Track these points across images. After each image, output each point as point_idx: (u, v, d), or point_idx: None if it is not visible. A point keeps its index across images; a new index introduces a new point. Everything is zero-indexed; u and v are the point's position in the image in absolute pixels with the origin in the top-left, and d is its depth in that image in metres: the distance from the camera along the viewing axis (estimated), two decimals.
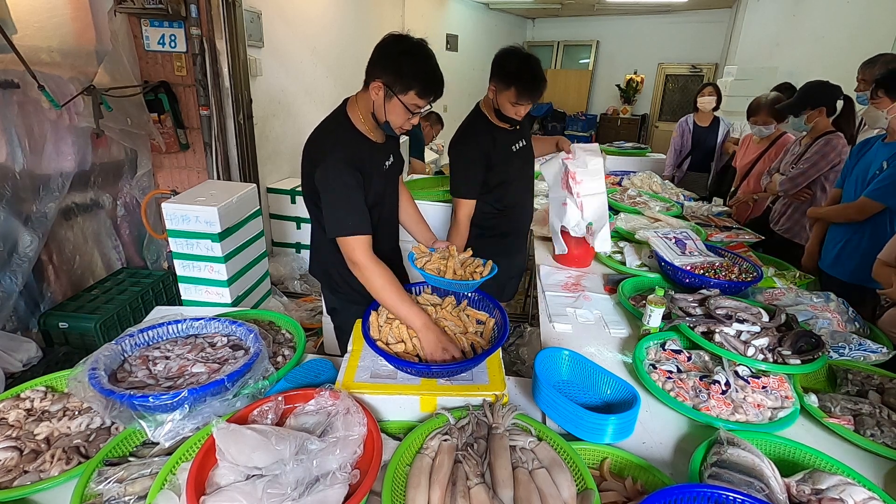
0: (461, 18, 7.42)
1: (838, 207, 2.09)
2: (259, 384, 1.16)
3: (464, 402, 1.14)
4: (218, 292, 2.27)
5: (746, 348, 1.35)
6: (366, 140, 1.44)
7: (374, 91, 1.33)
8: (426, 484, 0.95)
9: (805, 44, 4.45)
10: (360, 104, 1.42)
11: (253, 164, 3.45)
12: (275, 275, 3.50)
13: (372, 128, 1.44)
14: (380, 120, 1.39)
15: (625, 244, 2.23)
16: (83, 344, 2.44)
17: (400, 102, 1.32)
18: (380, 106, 1.35)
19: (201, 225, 2.14)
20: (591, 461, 1.07)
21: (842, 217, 2.05)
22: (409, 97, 1.32)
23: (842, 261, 2.02)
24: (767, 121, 2.89)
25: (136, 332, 1.29)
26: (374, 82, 1.32)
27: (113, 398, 1.03)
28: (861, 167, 2.03)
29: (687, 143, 3.95)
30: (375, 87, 1.32)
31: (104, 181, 2.85)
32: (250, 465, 0.91)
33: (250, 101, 3.32)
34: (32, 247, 2.35)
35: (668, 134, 4.34)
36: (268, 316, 1.61)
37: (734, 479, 0.92)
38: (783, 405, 1.22)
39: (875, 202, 1.87)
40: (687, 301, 1.63)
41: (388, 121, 1.38)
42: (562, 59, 9.20)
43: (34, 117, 2.34)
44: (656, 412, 1.24)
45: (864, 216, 1.93)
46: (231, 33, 2.99)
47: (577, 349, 1.40)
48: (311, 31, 4.10)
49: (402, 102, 1.32)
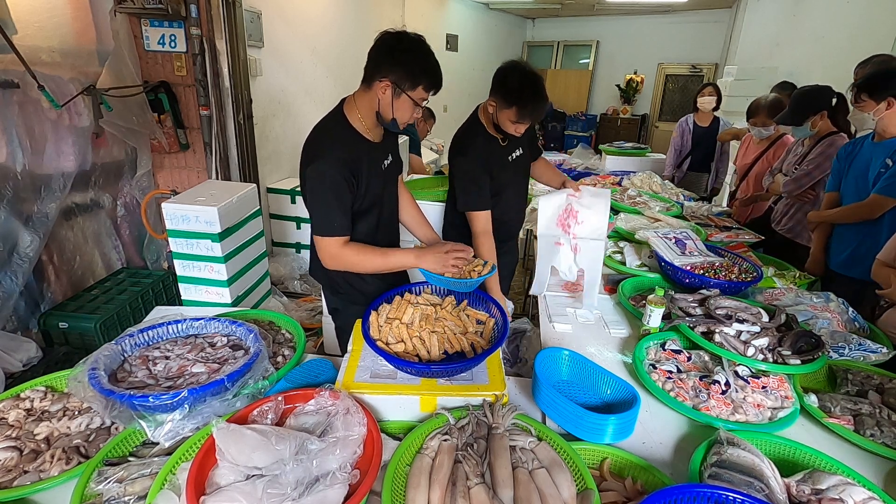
0: (461, 18, 7.42)
1: (848, 208, 2.07)
2: (259, 384, 1.16)
3: (464, 402, 1.15)
4: (218, 292, 2.27)
5: (746, 348, 1.35)
6: (363, 140, 1.44)
7: (380, 90, 1.34)
8: (426, 484, 0.95)
9: (805, 44, 4.44)
10: (359, 103, 1.42)
11: (253, 164, 3.45)
12: (275, 275, 3.50)
13: (370, 127, 1.44)
14: (386, 118, 1.40)
15: (625, 244, 2.23)
16: (83, 344, 2.44)
17: (409, 98, 1.35)
18: (387, 104, 1.36)
19: (201, 225, 2.14)
20: (591, 461, 1.07)
21: (854, 217, 2.04)
22: (417, 92, 1.35)
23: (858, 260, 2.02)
24: (766, 122, 2.90)
25: (136, 332, 1.29)
26: (380, 82, 1.33)
27: (113, 398, 1.03)
28: (857, 168, 2.04)
29: (687, 143, 3.96)
30: (383, 86, 1.33)
31: (104, 181, 2.85)
32: (250, 465, 0.91)
33: (250, 101, 3.32)
34: (33, 247, 2.35)
35: (668, 134, 4.34)
36: (268, 316, 1.61)
37: (734, 479, 0.92)
38: (783, 405, 1.22)
39: (888, 198, 1.87)
40: (687, 301, 1.63)
41: (395, 118, 1.39)
42: (562, 59, 9.20)
43: (34, 117, 2.34)
44: (656, 412, 1.24)
45: (878, 213, 1.92)
46: (231, 33, 2.99)
47: (577, 349, 1.40)
48: (311, 31, 4.10)
49: (410, 98, 1.35)
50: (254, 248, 2.47)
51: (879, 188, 1.89)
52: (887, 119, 1.88)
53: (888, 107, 1.86)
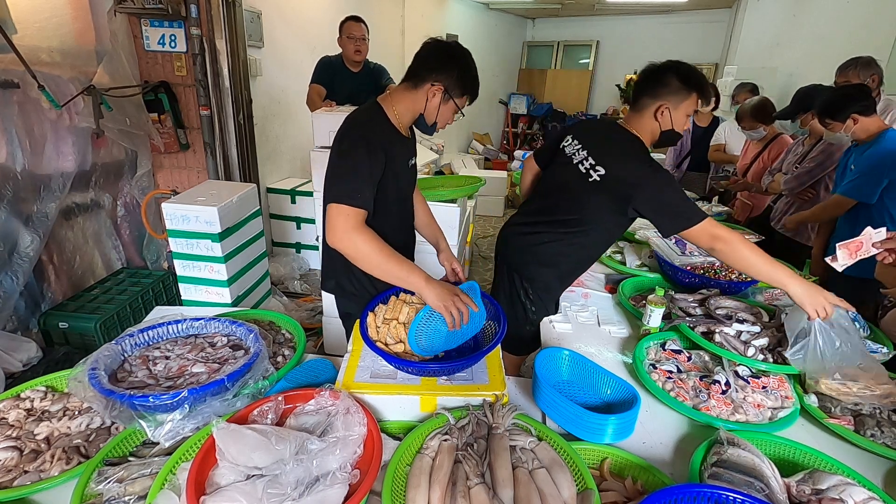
0: (461, 18, 7.41)
1: (817, 208, 2.30)
2: (259, 384, 1.16)
3: (464, 402, 1.14)
4: (218, 292, 2.27)
5: (746, 348, 1.35)
6: (398, 133, 1.44)
7: (430, 93, 1.37)
8: (426, 484, 0.95)
9: (805, 44, 4.44)
10: (397, 100, 1.42)
11: (253, 164, 3.45)
12: (275, 275, 3.50)
13: (404, 124, 1.45)
14: (429, 121, 1.43)
15: (625, 244, 2.23)
16: (83, 344, 2.44)
17: (454, 105, 1.40)
18: (434, 108, 1.40)
19: (201, 225, 2.14)
20: (591, 461, 1.07)
21: (823, 215, 2.26)
22: (462, 101, 1.41)
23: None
24: (753, 125, 2.97)
25: (136, 332, 1.29)
26: (432, 85, 1.36)
27: (113, 398, 1.03)
28: (840, 170, 2.24)
29: (686, 143, 3.95)
30: (434, 89, 1.36)
31: (104, 181, 2.85)
32: (250, 465, 0.91)
33: (250, 101, 3.32)
34: (33, 247, 2.35)
35: None
36: (268, 316, 1.61)
37: (734, 479, 0.92)
38: (783, 405, 1.23)
39: (847, 198, 2.09)
40: (687, 301, 1.63)
41: (437, 121, 1.44)
42: (562, 59, 9.19)
43: (34, 117, 2.34)
44: (656, 412, 1.24)
45: (841, 212, 2.16)
46: (231, 33, 2.99)
47: (577, 349, 1.40)
48: (311, 31, 4.10)
49: (456, 105, 1.41)
50: (254, 248, 2.47)
51: (841, 189, 2.11)
52: (858, 131, 2.05)
53: (854, 122, 2.03)
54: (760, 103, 2.94)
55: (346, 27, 3.07)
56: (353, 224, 1.25)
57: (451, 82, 1.36)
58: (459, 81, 1.37)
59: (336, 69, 3.19)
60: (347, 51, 3.10)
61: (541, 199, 1.79)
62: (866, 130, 2.03)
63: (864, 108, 2.01)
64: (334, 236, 1.27)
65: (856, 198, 2.07)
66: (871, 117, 2.02)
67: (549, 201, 1.74)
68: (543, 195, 1.79)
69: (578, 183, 1.60)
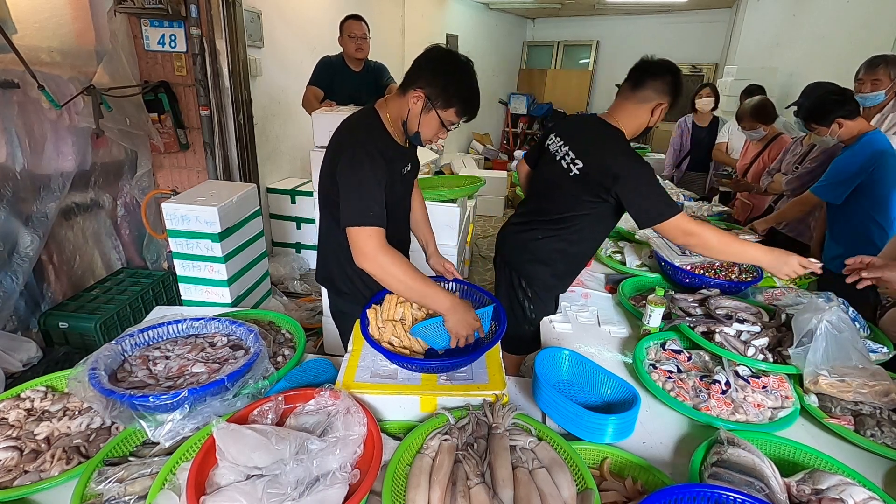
0: (461, 18, 7.41)
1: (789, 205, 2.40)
2: (259, 384, 1.16)
3: (464, 402, 1.14)
4: (218, 292, 2.27)
5: (746, 348, 1.35)
6: (393, 140, 1.41)
7: (412, 100, 1.30)
8: (426, 484, 0.95)
9: (805, 44, 4.44)
10: (390, 107, 1.39)
11: (253, 164, 3.45)
12: (275, 275, 3.50)
13: (399, 132, 1.42)
14: (410, 130, 1.35)
15: (625, 244, 2.23)
16: (83, 344, 2.44)
17: (437, 116, 1.31)
18: (415, 116, 1.32)
19: (201, 225, 2.14)
20: (591, 461, 1.07)
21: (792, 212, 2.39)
22: (448, 113, 1.31)
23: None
24: (753, 125, 2.97)
25: (136, 332, 1.29)
26: (414, 91, 1.29)
27: (113, 398, 1.03)
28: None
29: (686, 143, 3.96)
30: (416, 96, 1.29)
31: (104, 181, 2.85)
32: (250, 465, 0.91)
33: (250, 101, 3.32)
34: (33, 247, 2.35)
35: (668, 134, 4.34)
36: (268, 316, 1.61)
37: (734, 479, 0.92)
38: (783, 405, 1.23)
39: (815, 197, 2.18)
40: (687, 301, 1.63)
41: (419, 132, 1.35)
42: (562, 59, 9.19)
43: (34, 117, 2.34)
44: (656, 412, 1.24)
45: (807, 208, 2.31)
46: (231, 33, 2.99)
47: (577, 349, 1.40)
48: (311, 31, 4.09)
49: (439, 117, 1.31)
50: (254, 248, 2.47)
51: (813, 188, 2.20)
52: (844, 133, 2.11)
53: (839, 126, 2.08)
54: (760, 103, 2.94)
55: (347, 26, 3.06)
56: (376, 244, 1.26)
57: (434, 91, 1.27)
58: (443, 91, 1.27)
59: (337, 69, 3.19)
60: (348, 50, 3.10)
61: (533, 198, 1.84)
62: (850, 133, 2.09)
63: (849, 113, 2.06)
64: (364, 259, 1.27)
65: (823, 198, 2.14)
66: (855, 121, 2.07)
67: (540, 199, 1.78)
68: (535, 194, 1.83)
69: (563, 179, 1.63)
